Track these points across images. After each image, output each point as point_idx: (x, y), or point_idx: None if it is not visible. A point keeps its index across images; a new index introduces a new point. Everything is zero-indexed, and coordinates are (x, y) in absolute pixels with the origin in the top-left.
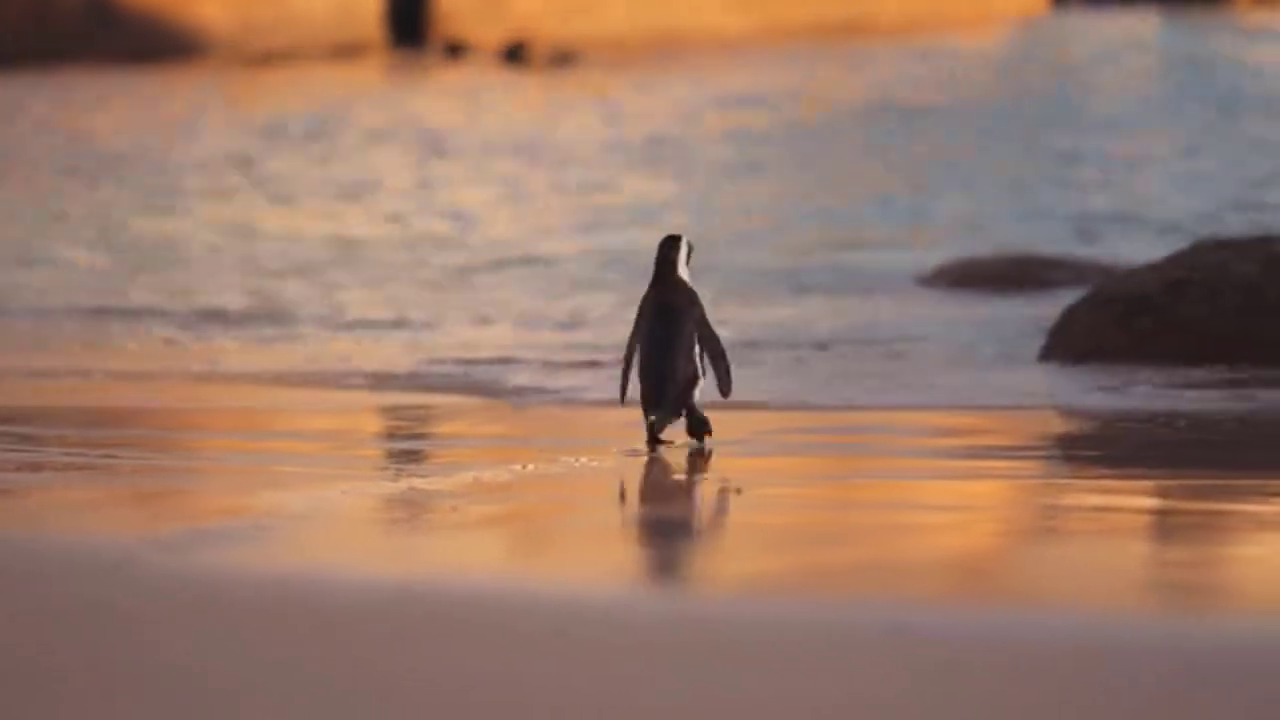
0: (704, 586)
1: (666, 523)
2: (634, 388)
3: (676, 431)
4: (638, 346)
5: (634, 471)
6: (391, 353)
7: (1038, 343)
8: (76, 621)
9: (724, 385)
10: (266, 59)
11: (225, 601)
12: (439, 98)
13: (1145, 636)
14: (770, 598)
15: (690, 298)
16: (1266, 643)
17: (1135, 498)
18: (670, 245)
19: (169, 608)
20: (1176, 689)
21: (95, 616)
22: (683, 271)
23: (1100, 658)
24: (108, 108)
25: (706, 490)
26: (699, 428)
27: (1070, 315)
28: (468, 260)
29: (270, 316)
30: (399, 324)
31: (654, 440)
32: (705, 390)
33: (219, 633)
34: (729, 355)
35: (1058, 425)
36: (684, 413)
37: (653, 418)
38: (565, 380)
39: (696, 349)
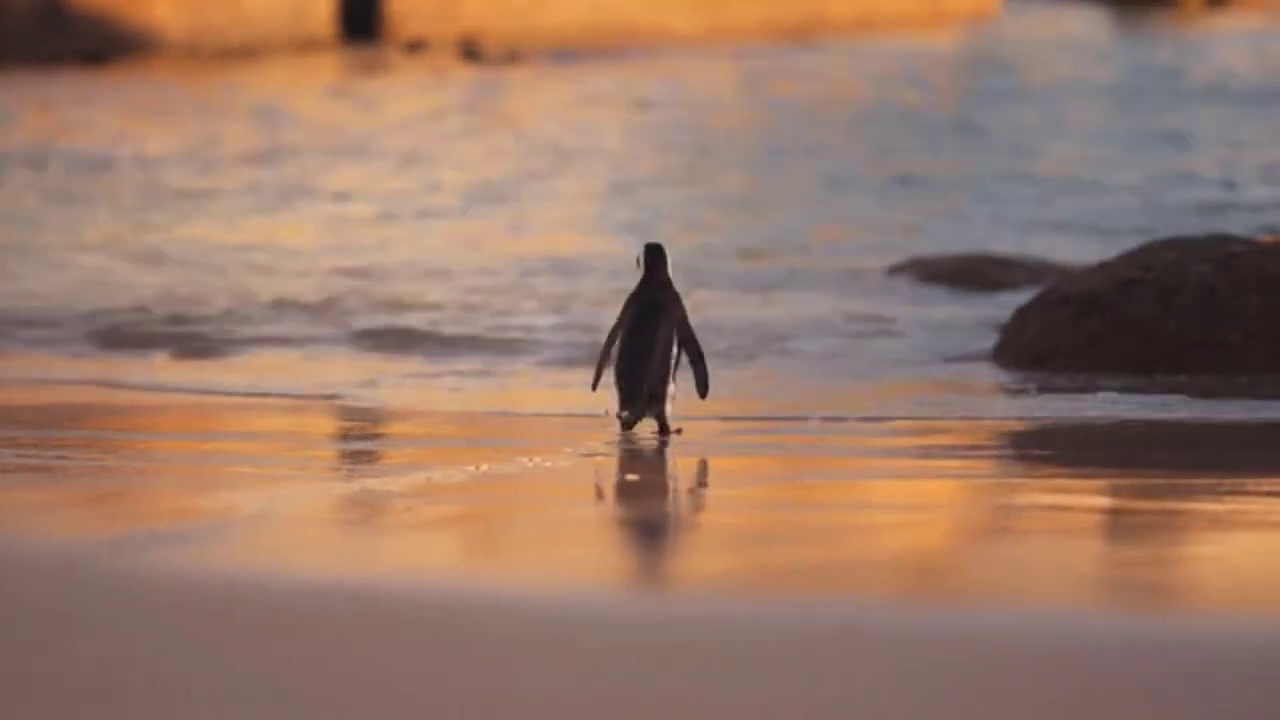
0: (660, 586)
1: (622, 523)
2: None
3: (644, 424)
4: (617, 341)
5: (589, 472)
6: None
7: (990, 342)
8: (29, 623)
9: (702, 387)
10: (217, 58)
11: (179, 603)
12: (382, 98)
13: (1100, 635)
14: (725, 597)
15: (674, 299)
16: (1221, 640)
17: (1088, 497)
18: (658, 251)
19: (123, 609)
20: (1132, 687)
21: (48, 618)
22: (670, 275)
23: (1054, 656)
24: (44, 109)
25: (662, 491)
26: (664, 432)
27: (1022, 315)
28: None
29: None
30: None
31: (626, 429)
32: (683, 390)
33: (173, 634)
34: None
35: (1010, 425)
36: (656, 413)
37: (624, 414)
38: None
39: (675, 350)
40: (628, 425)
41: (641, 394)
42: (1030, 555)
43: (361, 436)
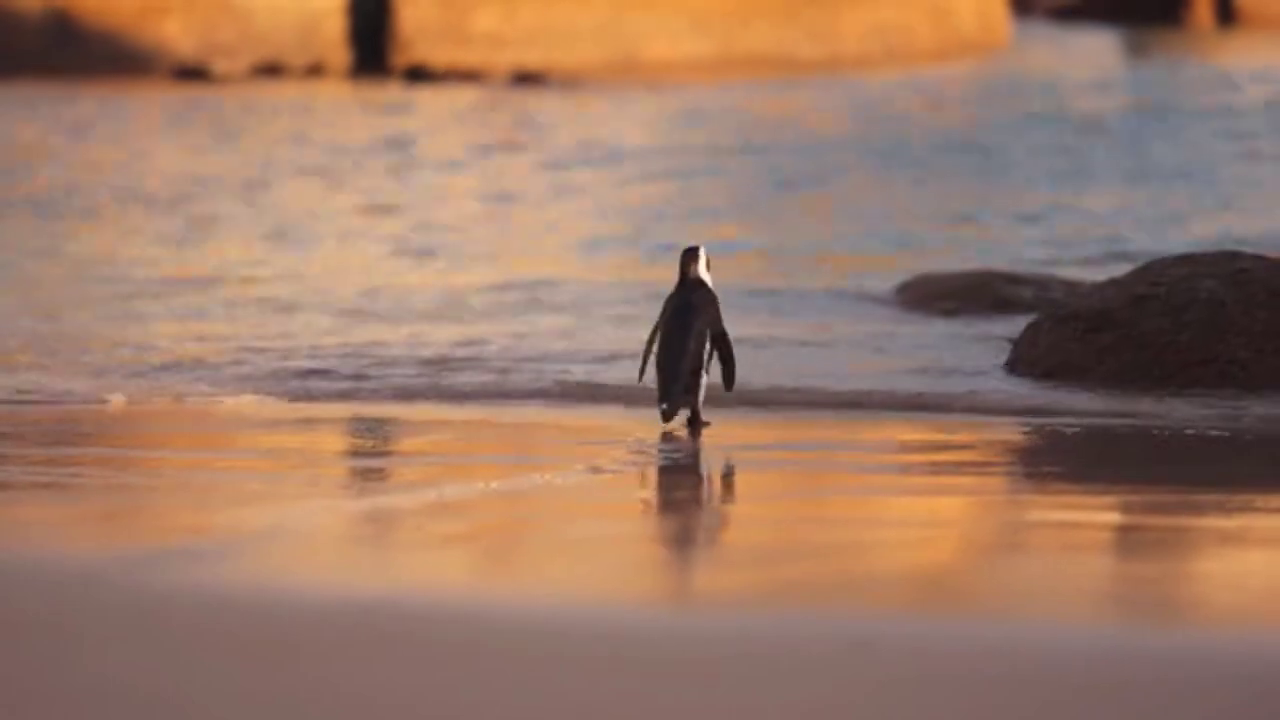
0: (672, 602)
1: (632, 539)
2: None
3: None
4: (657, 338)
5: (598, 489)
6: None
7: (1001, 359)
8: (41, 639)
9: (729, 381)
10: (221, 78)
11: (191, 619)
12: (388, 120)
13: (1108, 649)
14: (737, 613)
15: (708, 298)
16: (1229, 653)
17: (1098, 513)
18: (692, 253)
19: (135, 625)
20: (1140, 700)
21: (60, 634)
22: (704, 276)
23: (1064, 670)
24: (38, 127)
25: (673, 507)
26: (695, 424)
27: (1033, 331)
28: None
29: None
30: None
31: (665, 420)
32: (710, 384)
33: (185, 650)
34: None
35: (1021, 441)
36: (689, 404)
37: (664, 406)
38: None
39: (708, 346)
40: (667, 417)
41: (678, 387)
42: (1040, 570)
43: (373, 453)
